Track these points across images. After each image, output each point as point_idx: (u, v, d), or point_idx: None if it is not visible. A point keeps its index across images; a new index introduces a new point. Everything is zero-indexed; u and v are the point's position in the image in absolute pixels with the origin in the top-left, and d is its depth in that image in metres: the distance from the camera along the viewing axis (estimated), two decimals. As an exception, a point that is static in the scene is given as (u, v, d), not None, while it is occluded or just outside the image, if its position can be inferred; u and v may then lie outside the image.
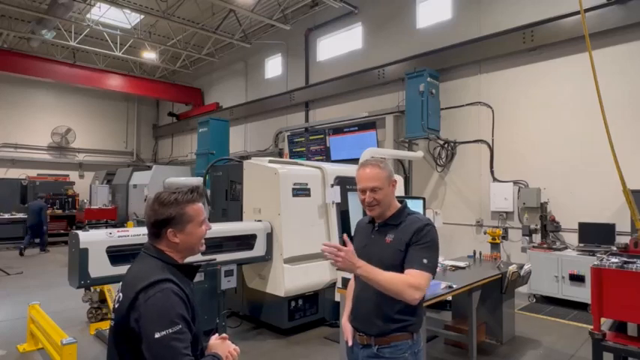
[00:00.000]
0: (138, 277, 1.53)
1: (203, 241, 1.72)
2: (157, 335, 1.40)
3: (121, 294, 1.56)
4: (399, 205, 2.19)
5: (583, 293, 6.15)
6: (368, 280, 1.91)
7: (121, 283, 1.64)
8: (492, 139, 8.25)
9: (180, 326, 1.44)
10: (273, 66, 13.83)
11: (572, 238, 7.05)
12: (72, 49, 14.29)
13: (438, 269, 2.32)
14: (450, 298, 4.77)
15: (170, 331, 1.41)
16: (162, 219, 1.60)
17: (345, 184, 5.79)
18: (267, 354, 4.80)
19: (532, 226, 7.33)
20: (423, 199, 5.40)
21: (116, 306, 1.57)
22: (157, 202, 1.62)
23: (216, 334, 1.76)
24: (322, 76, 11.61)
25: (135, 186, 14.72)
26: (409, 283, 1.91)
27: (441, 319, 5.23)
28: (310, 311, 5.57)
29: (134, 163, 18.81)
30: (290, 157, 11.52)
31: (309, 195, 5.48)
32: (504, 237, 7.45)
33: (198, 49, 14.77)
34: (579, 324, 5.77)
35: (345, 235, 2.02)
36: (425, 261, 1.96)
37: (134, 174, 15.37)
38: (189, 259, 1.73)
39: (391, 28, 10.16)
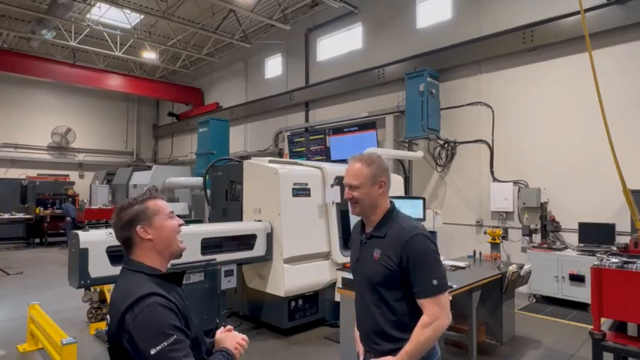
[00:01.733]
0: (122, 295, 1.50)
1: (181, 238, 1.67)
2: (152, 352, 1.36)
3: (108, 316, 1.53)
4: (387, 207, 2.04)
5: (583, 293, 6.16)
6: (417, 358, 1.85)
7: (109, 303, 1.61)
8: (492, 139, 8.25)
9: (174, 336, 1.41)
10: (273, 66, 13.82)
11: (572, 238, 7.05)
12: (72, 49, 14.29)
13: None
14: (450, 298, 4.75)
15: (165, 344, 1.38)
16: (127, 219, 1.60)
17: (345, 184, 5.77)
18: (267, 354, 4.80)
19: (532, 226, 7.34)
20: (423, 199, 5.40)
21: (107, 328, 1.55)
22: (118, 209, 1.65)
23: (221, 328, 1.75)
24: (322, 76, 11.61)
25: (135, 186, 14.70)
26: (430, 323, 1.83)
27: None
28: (310, 311, 5.57)
29: (134, 163, 18.79)
30: (290, 157, 11.52)
31: (309, 195, 5.48)
32: (504, 237, 7.45)
33: (198, 49, 14.77)
34: (579, 324, 5.77)
35: None
36: (435, 282, 1.84)
37: (134, 174, 15.34)
38: (176, 262, 1.69)
39: (391, 28, 10.15)
